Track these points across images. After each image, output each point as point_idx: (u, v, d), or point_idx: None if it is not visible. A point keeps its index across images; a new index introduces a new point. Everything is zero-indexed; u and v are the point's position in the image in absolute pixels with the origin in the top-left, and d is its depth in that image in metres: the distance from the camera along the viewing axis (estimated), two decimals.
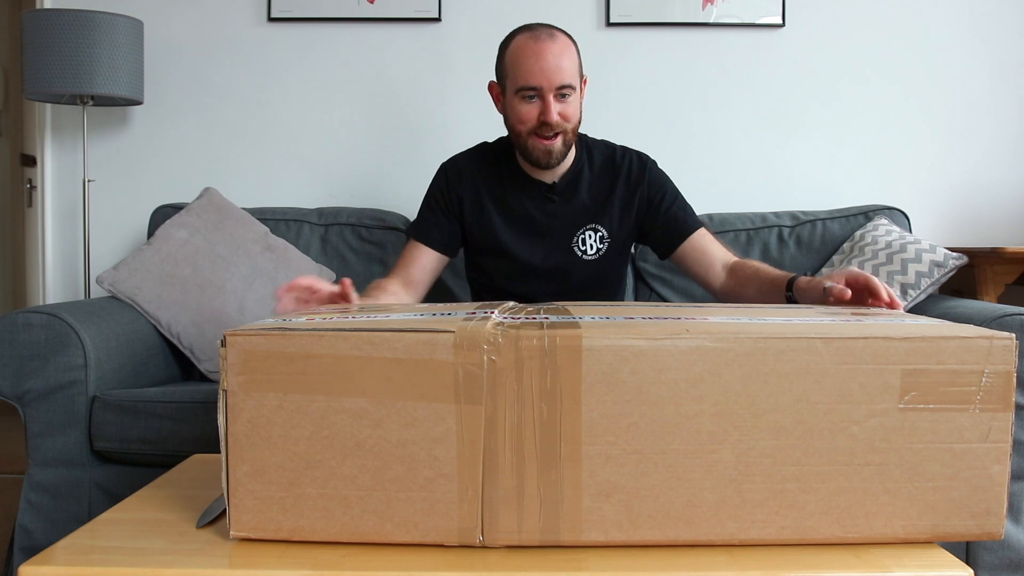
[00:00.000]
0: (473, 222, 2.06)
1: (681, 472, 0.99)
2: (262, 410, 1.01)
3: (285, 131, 3.09)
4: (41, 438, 2.10)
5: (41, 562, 0.98)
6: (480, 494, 1.00)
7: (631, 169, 2.06)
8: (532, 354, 0.98)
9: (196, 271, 2.56)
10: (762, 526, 1.00)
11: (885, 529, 1.01)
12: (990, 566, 1.99)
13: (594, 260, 2.06)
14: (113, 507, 1.22)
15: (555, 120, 1.88)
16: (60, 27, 2.67)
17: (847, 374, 0.99)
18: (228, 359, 1.01)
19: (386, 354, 0.98)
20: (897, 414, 0.99)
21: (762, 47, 3.04)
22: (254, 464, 1.01)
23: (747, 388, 0.99)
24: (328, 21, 3.06)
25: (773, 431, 0.99)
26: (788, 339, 0.99)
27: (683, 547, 1.02)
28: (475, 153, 2.12)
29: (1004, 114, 3.02)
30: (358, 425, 1.00)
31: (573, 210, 2.05)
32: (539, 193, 2.04)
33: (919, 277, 2.46)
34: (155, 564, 0.98)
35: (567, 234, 2.05)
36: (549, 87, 1.87)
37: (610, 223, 2.05)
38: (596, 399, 0.98)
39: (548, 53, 1.86)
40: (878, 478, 1.00)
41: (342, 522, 1.01)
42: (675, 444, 0.99)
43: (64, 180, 3.10)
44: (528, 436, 0.99)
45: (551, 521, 1.00)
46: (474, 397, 0.98)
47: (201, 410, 2.11)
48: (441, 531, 1.01)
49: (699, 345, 0.98)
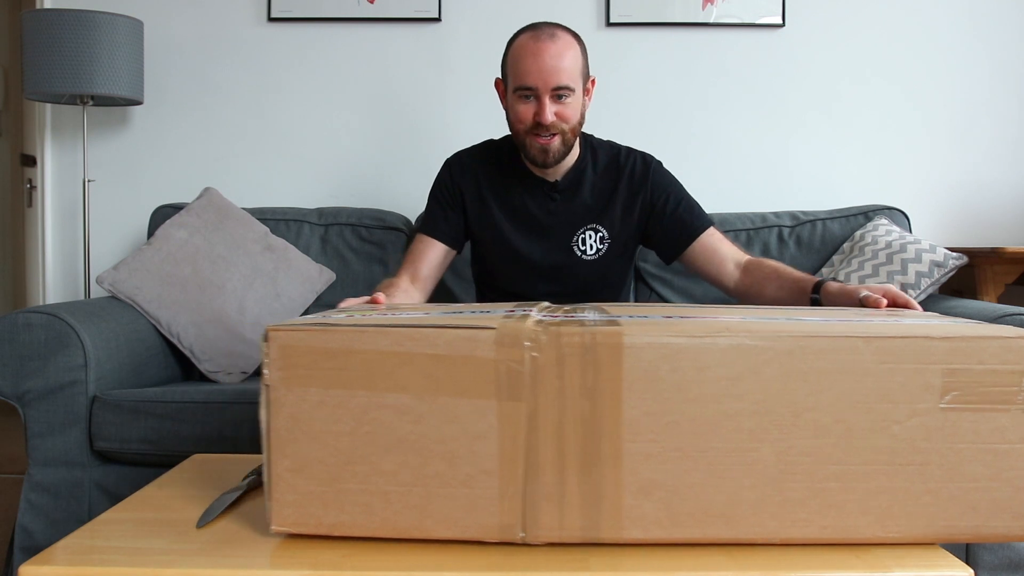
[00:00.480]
0: (475, 215, 2.06)
1: (721, 470, 0.99)
2: (303, 405, 1.00)
3: (285, 131, 3.09)
4: (41, 438, 2.09)
5: (41, 562, 0.98)
6: (521, 491, 1.00)
7: (634, 171, 2.05)
8: (573, 351, 0.98)
9: (196, 271, 2.55)
10: (803, 525, 1.00)
11: (926, 529, 1.01)
12: (990, 566, 2.00)
13: (594, 260, 2.05)
14: (113, 507, 1.21)
15: (549, 121, 1.86)
16: (60, 27, 2.66)
17: (888, 373, 0.99)
18: (270, 354, 1.00)
19: (427, 350, 0.98)
20: (938, 414, 0.99)
21: (762, 47, 3.05)
22: (295, 459, 1.01)
23: (787, 386, 0.98)
24: (328, 21, 3.05)
25: (813, 430, 0.99)
26: (829, 338, 0.99)
27: (720, 546, 1.02)
28: (480, 149, 2.12)
29: (1004, 114, 3.04)
30: (399, 421, 0.99)
31: (574, 209, 2.04)
32: (541, 191, 2.03)
33: (919, 277, 2.47)
34: (155, 564, 0.98)
35: (567, 233, 2.04)
36: (544, 88, 1.85)
37: (611, 224, 2.04)
38: (637, 397, 0.98)
39: (545, 54, 1.85)
40: (919, 478, 1.00)
41: (382, 517, 1.01)
42: (715, 442, 0.99)
43: (64, 180, 3.09)
44: (569, 433, 0.99)
45: (592, 518, 1.00)
46: (515, 394, 0.98)
47: (201, 410, 2.11)
48: (482, 527, 1.00)
49: (740, 343, 0.98)
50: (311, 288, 2.69)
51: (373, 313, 1.14)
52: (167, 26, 3.05)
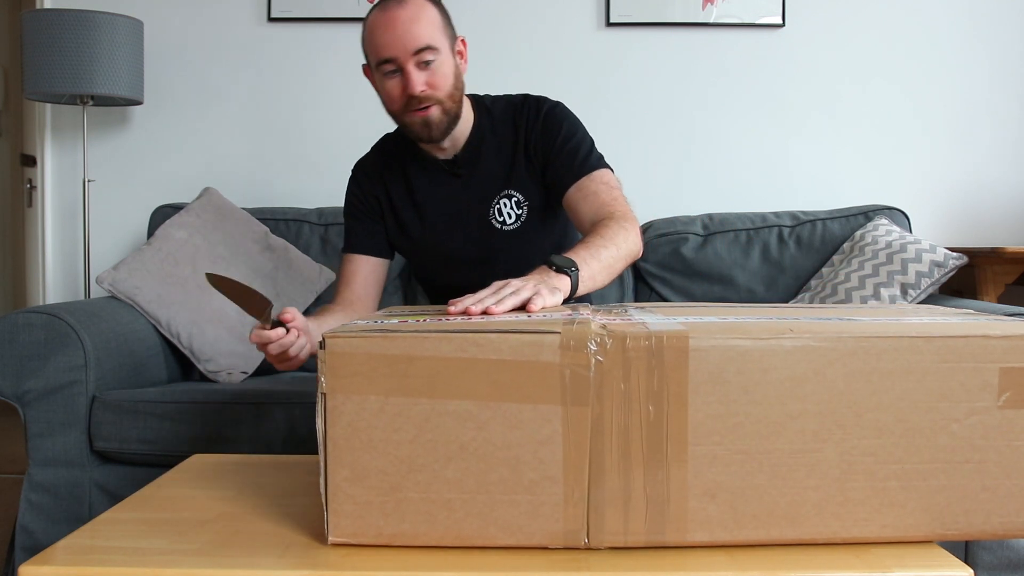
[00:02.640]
0: (391, 223, 1.98)
1: (785, 472, 1.00)
2: (363, 413, 0.99)
3: (285, 131, 3.08)
4: (41, 438, 2.09)
5: (41, 562, 0.98)
6: (586, 496, 0.99)
7: (528, 115, 1.90)
8: (639, 355, 0.98)
9: (196, 271, 2.54)
10: (864, 524, 1.01)
11: (984, 526, 1.02)
12: (989, 566, 2.00)
13: (517, 229, 1.92)
14: (113, 507, 1.21)
15: (419, 91, 1.73)
16: (60, 27, 2.66)
17: (948, 372, 0.99)
18: (327, 361, 0.99)
19: (491, 356, 0.97)
20: (996, 412, 1.00)
21: (762, 47, 3.06)
22: (354, 468, 1.00)
23: (850, 387, 0.99)
24: (328, 21, 3.05)
25: (875, 430, 1.00)
26: (890, 338, 0.99)
27: (785, 546, 1.02)
28: (378, 149, 2.03)
29: (1004, 114, 3.07)
30: (462, 428, 0.99)
31: (481, 181, 1.92)
32: (443, 173, 1.93)
33: (919, 277, 2.49)
34: (155, 564, 0.98)
35: (481, 209, 1.92)
36: (405, 55, 1.72)
37: (522, 185, 1.91)
38: (702, 399, 0.98)
39: (396, 20, 1.72)
40: (978, 476, 1.01)
41: (445, 526, 1.00)
42: (779, 443, 0.99)
43: (64, 180, 3.07)
44: (635, 437, 0.99)
45: (657, 522, 1.00)
46: (580, 398, 0.98)
47: (201, 410, 2.10)
48: (546, 534, 1.00)
49: (804, 344, 0.98)
50: (311, 288, 2.68)
51: (426, 318, 1.13)
52: (167, 26, 3.04)
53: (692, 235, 2.78)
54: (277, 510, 1.17)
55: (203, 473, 1.39)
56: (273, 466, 1.43)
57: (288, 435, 2.05)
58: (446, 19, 1.82)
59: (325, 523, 1.02)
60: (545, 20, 3.01)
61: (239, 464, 1.46)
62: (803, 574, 0.96)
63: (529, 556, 1.00)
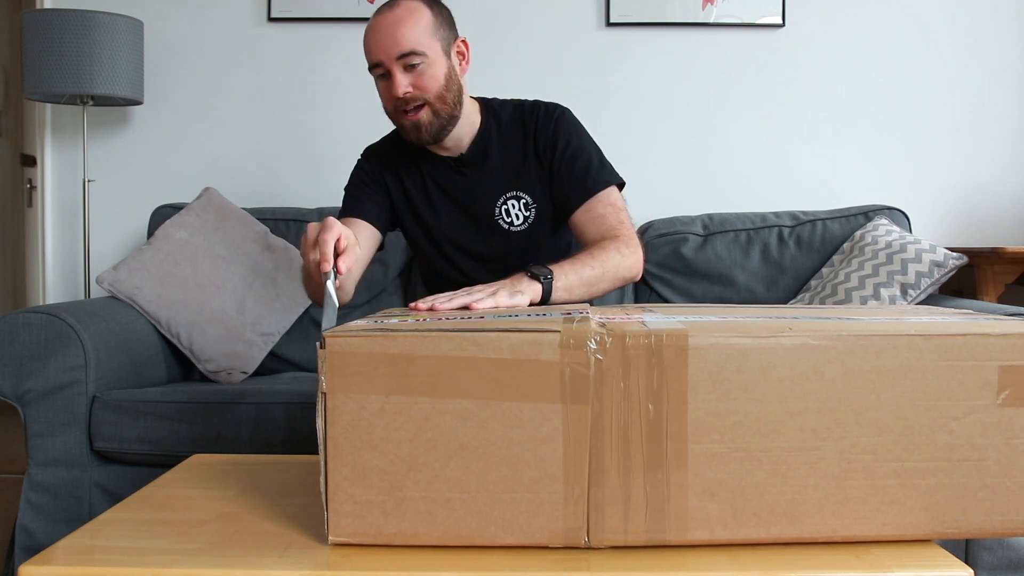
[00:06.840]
0: (402, 208, 1.98)
1: (785, 470, 1.00)
2: (363, 412, 0.99)
3: (285, 131, 3.08)
4: (41, 438, 2.09)
5: (41, 562, 0.98)
6: (586, 494, 0.99)
7: (537, 120, 1.91)
8: (639, 353, 0.98)
9: (196, 271, 2.55)
10: (864, 523, 1.01)
11: (983, 524, 1.02)
12: (989, 566, 2.00)
13: (525, 230, 1.93)
14: (113, 507, 1.21)
15: (403, 93, 1.75)
16: (60, 27, 2.66)
17: (947, 371, 1.00)
18: (327, 361, 0.99)
19: (491, 354, 0.98)
20: (995, 410, 1.01)
21: (762, 47, 3.06)
22: (354, 468, 1.00)
23: (849, 385, 0.99)
24: (328, 21, 3.05)
25: (875, 428, 1.00)
26: (890, 336, 0.99)
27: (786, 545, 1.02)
28: (390, 140, 2.02)
29: (1004, 114, 3.06)
30: (462, 426, 0.99)
31: (486, 180, 1.92)
32: (449, 170, 1.94)
33: (919, 277, 2.48)
34: (155, 564, 0.98)
35: (487, 207, 1.93)
36: (389, 59, 1.74)
37: (531, 188, 1.91)
38: (702, 397, 0.98)
39: (382, 24, 1.75)
40: (977, 474, 1.01)
41: (445, 525, 1.00)
42: (779, 442, 0.99)
43: (64, 180, 3.07)
44: (635, 435, 0.99)
45: (657, 520, 1.00)
46: (580, 397, 0.98)
47: (201, 410, 2.10)
48: (546, 532, 1.00)
49: (803, 343, 0.99)
50: None
51: (425, 318, 1.13)
52: (167, 26, 3.04)
53: (692, 235, 2.78)
54: (277, 510, 1.17)
55: (203, 473, 1.39)
56: (273, 466, 1.44)
57: (288, 435, 2.05)
58: (441, 20, 1.82)
59: (325, 523, 1.02)
60: (545, 20, 3.01)
61: (239, 464, 1.46)
62: (803, 574, 0.96)
63: (529, 556, 1.00)
